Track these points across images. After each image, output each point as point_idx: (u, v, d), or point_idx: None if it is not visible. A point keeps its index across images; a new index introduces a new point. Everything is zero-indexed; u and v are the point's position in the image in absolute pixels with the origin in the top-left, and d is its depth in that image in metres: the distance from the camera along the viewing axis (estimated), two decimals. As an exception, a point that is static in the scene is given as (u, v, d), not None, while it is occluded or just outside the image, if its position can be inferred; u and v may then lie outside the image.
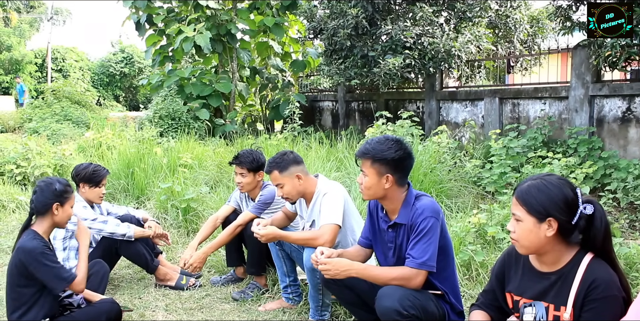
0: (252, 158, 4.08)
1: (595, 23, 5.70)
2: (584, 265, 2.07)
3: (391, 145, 2.71)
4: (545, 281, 2.16)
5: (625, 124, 7.21)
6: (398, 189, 2.75)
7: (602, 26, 5.66)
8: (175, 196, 5.81)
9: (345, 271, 2.64)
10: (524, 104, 8.51)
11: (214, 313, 3.79)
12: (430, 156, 6.19)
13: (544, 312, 2.15)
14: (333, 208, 3.31)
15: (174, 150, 8.17)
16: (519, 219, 2.12)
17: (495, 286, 2.34)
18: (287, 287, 3.78)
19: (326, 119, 13.10)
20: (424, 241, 2.59)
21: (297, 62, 13.01)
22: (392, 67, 8.91)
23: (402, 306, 2.47)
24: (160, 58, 12.56)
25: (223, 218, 4.28)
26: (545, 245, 2.11)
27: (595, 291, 2.01)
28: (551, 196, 2.06)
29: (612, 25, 5.61)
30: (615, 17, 5.59)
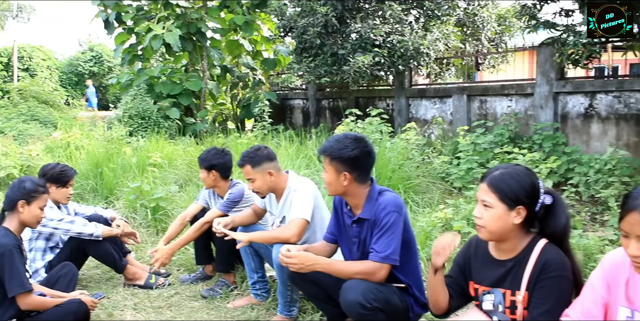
0: (205, 156, 4.16)
1: (595, 23, 5.68)
2: (537, 250, 2.15)
3: (348, 144, 2.75)
4: (502, 269, 2.23)
5: (587, 120, 7.39)
6: (359, 186, 2.80)
7: (602, 26, 5.64)
8: (144, 195, 5.79)
9: (310, 266, 2.67)
10: (491, 101, 8.65)
11: (182, 311, 3.80)
12: (398, 152, 6.27)
13: (502, 298, 2.22)
14: (302, 204, 3.35)
15: (143, 149, 8.11)
16: (489, 205, 2.17)
17: (458, 276, 2.40)
18: (255, 283, 3.81)
19: (297, 117, 13.13)
20: (387, 235, 2.64)
21: (268, 61, 13.01)
22: (362, 65, 8.98)
23: (365, 299, 2.52)
24: (130, 57, 12.44)
25: (192, 216, 4.28)
26: (509, 232, 2.18)
27: (546, 271, 2.09)
28: (522, 184, 2.14)
29: (612, 25, 5.60)
30: (615, 17, 5.59)
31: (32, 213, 3.13)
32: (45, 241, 4.17)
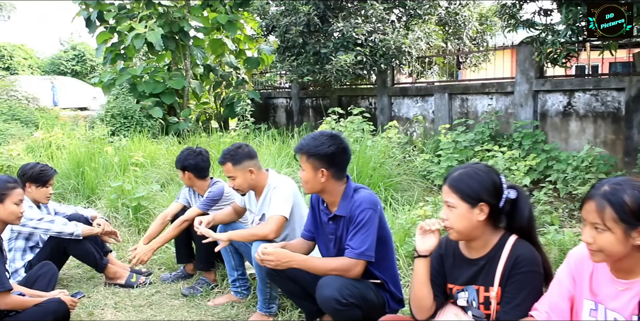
0: (179, 157, 4.21)
1: (595, 23, 5.71)
2: (508, 246, 2.20)
3: (325, 140, 2.79)
4: (474, 267, 2.28)
5: (566, 118, 7.49)
6: (336, 183, 2.84)
7: (602, 26, 5.68)
8: (125, 194, 5.79)
9: (286, 263, 2.71)
10: (472, 100, 8.74)
11: (163, 309, 3.81)
12: (379, 151, 6.32)
13: (476, 295, 2.27)
14: (281, 201, 3.38)
15: (125, 149, 8.09)
16: (452, 205, 2.22)
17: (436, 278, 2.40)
18: (235, 281, 3.84)
19: (280, 116, 13.15)
20: (362, 232, 2.68)
21: (251, 60, 13.02)
22: (344, 64, 9.03)
23: (341, 295, 2.56)
24: (112, 56, 12.36)
25: (172, 215, 4.29)
26: (477, 230, 2.22)
27: (517, 267, 2.15)
28: (481, 182, 2.19)
29: (612, 25, 5.63)
30: (615, 17, 5.62)
31: (7, 210, 3.11)
32: (25, 240, 4.16)
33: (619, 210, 1.82)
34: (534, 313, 2.12)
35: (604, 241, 1.86)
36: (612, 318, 1.94)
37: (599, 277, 2.01)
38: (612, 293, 1.96)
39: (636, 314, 1.88)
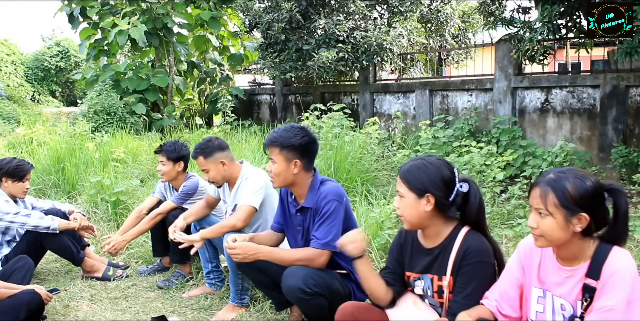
0: (174, 148, 4.19)
1: (595, 23, 5.69)
2: (460, 237, 2.28)
3: (297, 132, 2.87)
4: (429, 256, 2.35)
5: (544, 115, 7.61)
6: (305, 175, 2.91)
7: (602, 26, 5.67)
8: (104, 189, 5.82)
9: (253, 254, 2.77)
10: (453, 96, 8.83)
11: (138, 301, 3.87)
12: (358, 145, 6.39)
13: (430, 283, 2.35)
14: (251, 192, 3.44)
15: (107, 145, 8.11)
16: (402, 195, 2.30)
17: (394, 264, 2.51)
18: (209, 273, 3.90)
19: (264, 112, 13.20)
20: (328, 223, 2.76)
21: (235, 56, 13.05)
22: (326, 61, 9.09)
23: (305, 285, 2.63)
24: (95, 52, 12.35)
25: (148, 209, 4.34)
26: (425, 220, 2.30)
27: (467, 257, 2.22)
28: (429, 174, 2.26)
29: (612, 25, 5.62)
30: (615, 17, 5.61)
31: None
32: (1, 234, 4.20)
33: (560, 196, 1.91)
34: (484, 301, 2.20)
35: (546, 226, 1.94)
36: (559, 304, 2.03)
37: (547, 266, 2.09)
38: (558, 280, 2.04)
39: (580, 299, 1.97)
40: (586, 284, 1.95)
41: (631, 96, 6.66)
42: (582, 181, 1.91)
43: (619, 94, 6.70)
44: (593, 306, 1.91)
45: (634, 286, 1.87)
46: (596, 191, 1.92)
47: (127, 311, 3.69)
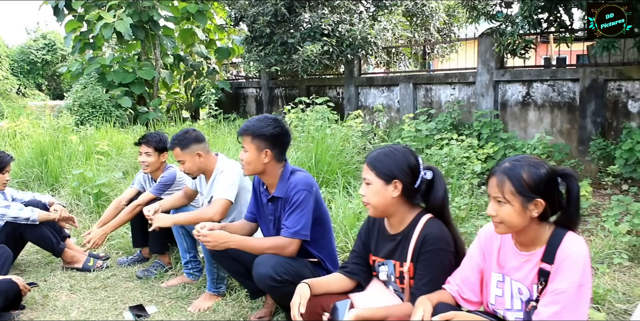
0: (159, 138, 4.23)
1: (595, 23, 5.72)
2: (421, 224, 2.35)
3: (270, 122, 2.92)
4: (393, 242, 2.42)
5: (525, 108, 7.69)
6: (276, 165, 2.97)
7: (602, 26, 5.68)
8: (87, 182, 5.85)
9: (224, 243, 2.82)
10: (436, 90, 8.90)
11: (117, 291, 3.92)
12: (340, 138, 6.45)
13: (393, 269, 2.42)
14: (227, 184, 3.49)
15: (91, 138, 8.12)
16: (369, 182, 2.36)
17: (360, 248, 2.59)
18: (187, 263, 3.95)
19: (250, 105, 13.22)
20: (297, 212, 2.81)
21: (221, 50, 13.06)
22: (311, 54, 9.13)
23: (275, 272, 2.68)
24: (81, 45, 12.31)
25: (127, 200, 4.38)
26: (391, 206, 2.36)
27: (426, 245, 2.29)
28: (396, 161, 2.33)
29: (612, 25, 5.63)
30: (615, 17, 5.62)
31: None
32: (-20, 226, 4.22)
33: (516, 184, 1.97)
34: (446, 286, 2.27)
35: (504, 213, 2.01)
36: (517, 288, 2.10)
37: (506, 251, 2.16)
38: (516, 265, 2.11)
39: (536, 283, 2.04)
40: (541, 268, 2.02)
41: (609, 90, 6.75)
42: (536, 168, 1.98)
43: (597, 88, 6.79)
44: (547, 289, 1.99)
45: (585, 270, 1.95)
46: (550, 177, 1.99)
47: (105, 300, 3.74)
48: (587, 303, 1.98)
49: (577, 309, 1.94)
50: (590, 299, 2.04)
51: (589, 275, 1.97)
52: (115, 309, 3.59)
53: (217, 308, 3.49)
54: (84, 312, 3.54)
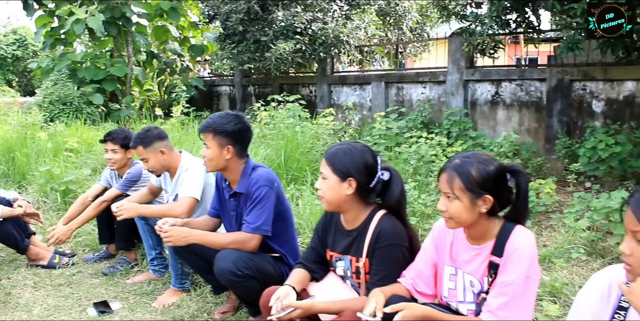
0: (125, 135, 4.22)
1: (595, 23, 5.65)
2: (375, 220, 2.39)
3: (231, 119, 2.95)
4: (349, 238, 2.46)
5: (494, 107, 7.81)
6: (238, 161, 3.00)
7: (602, 26, 5.62)
8: (54, 179, 5.80)
9: (185, 238, 2.84)
10: (408, 88, 8.98)
11: (82, 287, 3.91)
12: (311, 136, 6.49)
13: (349, 265, 2.46)
14: (192, 183, 3.50)
15: (61, 135, 8.04)
16: (325, 177, 2.40)
17: (317, 244, 2.63)
18: (153, 260, 3.96)
19: (224, 103, 13.19)
20: (258, 207, 2.85)
21: (195, 47, 13.00)
22: (283, 52, 9.16)
23: (236, 267, 2.71)
24: (52, 41, 12.13)
25: (93, 196, 4.37)
26: (345, 203, 2.40)
27: (380, 240, 2.34)
28: (353, 159, 2.36)
29: (612, 25, 5.57)
30: (615, 17, 5.56)
31: None
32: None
33: (465, 180, 2.02)
34: (401, 279, 2.32)
35: (454, 208, 2.06)
36: (469, 281, 2.16)
37: (458, 245, 2.22)
38: (467, 258, 2.17)
39: (486, 275, 2.10)
40: (491, 261, 2.08)
41: (575, 90, 6.89)
42: (485, 165, 2.03)
43: (563, 88, 6.92)
44: (495, 281, 2.05)
45: (532, 263, 2.01)
46: (498, 173, 2.04)
47: (69, 297, 3.73)
48: (534, 294, 2.05)
49: (524, 300, 2.00)
50: (537, 290, 2.11)
51: (537, 267, 2.04)
52: (79, 305, 3.58)
53: (181, 304, 3.51)
54: (47, 309, 3.52)
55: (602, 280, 1.75)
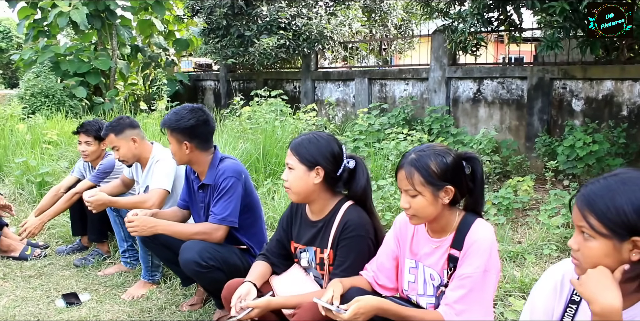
0: (98, 127, 4.19)
1: (595, 23, 5.65)
2: (342, 211, 2.39)
3: (184, 115, 2.95)
4: (314, 229, 2.46)
5: (476, 104, 7.84)
6: (202, 154, 2.99)
7: (602, 26, 5.62)
8: (30, 171, 5.76)
9: (151, 228, 2.83)
10: (391, 85, 9.00)
11: (52, 279, 3.89)
12: (290, 131, 6.48)
13: (314, 256, 2.46)
14: (163, 174, 3.49)
15: (40, 127, 7.97)
16: (292, 167, 2.39)
17: (281, 236, 2.62)
18: (125, 252, 3.94)
19: (209, 98, 13.14)
20: (225, 199, 2.84)
21: (180, 41, 12.94)
22: (267, 47, 9.14)
23: (201, 258, 2.70)
24: (34, 33, 12.03)
25: (66, 187, 4.33)
26: (313, 193, 2.40)
27: (346, 231, 2.33)
28: (320, 148, 2.36)
29: (612, 25, 5.57)
30: (615, 17, 5.56)
31: None
32: None
33: (424, 174, 2.00)
34: (363, 272, 2.32)
35: (417, 204, 2.03)
36: (429, 274, 2.16)
37: (419, 238, 2.22)
38: (428, 252, 2.17)
39: (446, 268, 2.10)
40: (451, 254, 2.08)
41: (555, 88, 6.93)
42: (442, 156, 2.03)
43: (544, 86, 6.96)
44: (454, 274, 2.05)
45: (491, 256, 2.01)
46: (455, 163, 2.04)
47: (39, 288, 3.70)
48: (493, 288, 2.04)
49: (482, 293, 2.00)
50: (496, 284, 2.11)
51: (496, 261, 2.03)
52: (47, 297, 3.56)
53: (150, 296, 3.50)
54: (14, 300, 3.50)
55: (555, 274, 1.76)
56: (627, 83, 6.27)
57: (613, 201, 1.48)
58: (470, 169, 2.08)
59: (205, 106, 11.04)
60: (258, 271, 2.51)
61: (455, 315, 1.98)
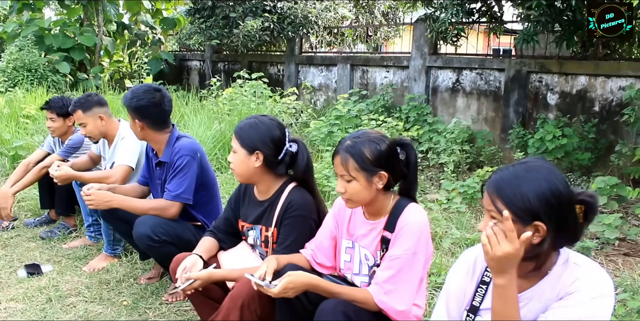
0: (62, 104, 4.24)
1: (595, 23, 5.67)
2: (286, 192, 2.49)
3: (139, 94, 3.04)
4: (261, 208, 2.56)
5: (454, 94, 7.92)
6: (156, 133, 3.09)
7: (602, 26, 5.64)
8: (4, 144, 5.80)
9: (107, 202, 2.92)
10: (372, 72, 9.06)
11: (17, 250, 3.97)
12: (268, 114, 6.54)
13: (259, 234, 2.56)
14: (128, 151, 3.57)
15: (19, 101, 7.98)
16: (235, 151, 2.48)
17: (229, 214, 2.72)
18: (90, 226, 4.02)
19: (194, 78, 13.14)
20: (179, 176, 2.93)
21: (167, 20, 12.89)
22: (251, 29, 9.15)
23: (153, 233, 2.80)
24: (19, 5, 11.94)
25: (35, 162, 4.38)
26: (255, 175, 2.49)
27: (289, 211, 2.43)
28: (260, 133, 2.44)
29: (612, 25, 5.59)
30: (615, 17, 5.58)
31: None
32: None
33: (358, 160, 2.09)
34: (303, 250, 2.42)
35: (352, 189, 2.12)
36: (364, 254, 2.26)
37: (356, 219, 2.32)
38: (363, 233, 2.27)
39: (379, 250, 2.20)
40: (384, 236, 2.18)
41: (531, 82, 7.02)
42: (376, 143, 2.11)
43: (520, 79, 7.05)
44: (385, 255, 2.15)
45: (420, 239, 2.10)
46: (389, 149, 2.13)
47: (2, 258, 3.79)
48: (422, 270, 2.13)
49: (410, 274, 2.09)
50: (427, 266, 2.21)
51: (426, 243, 2.12)
52: (10, 267, 3.64)
53: (110, 269, 3.59)
54: (-24, 270, 3.58)
55: (469, 256, 1.87)
56: (600, 79, 6.38)
57: (519, 188, 1.59)
58: (405, 155, 2.17)
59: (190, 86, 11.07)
60: (205, 246, 2.61)
61: (383, 294, 2.07)
